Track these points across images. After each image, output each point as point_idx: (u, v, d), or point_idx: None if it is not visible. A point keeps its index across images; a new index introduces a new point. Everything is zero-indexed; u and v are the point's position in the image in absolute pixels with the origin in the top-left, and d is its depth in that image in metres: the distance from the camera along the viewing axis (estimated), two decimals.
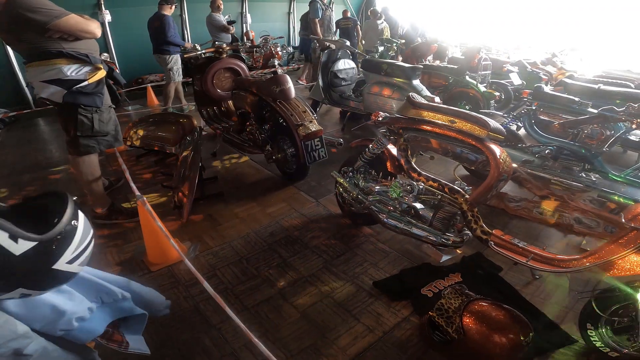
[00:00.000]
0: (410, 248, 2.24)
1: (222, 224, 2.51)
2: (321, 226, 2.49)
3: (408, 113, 1.97)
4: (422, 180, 1.96)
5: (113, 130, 2.33)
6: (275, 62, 6.93)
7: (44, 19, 1.85)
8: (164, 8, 4.96)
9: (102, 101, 2.20)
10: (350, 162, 2.37)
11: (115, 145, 2.40)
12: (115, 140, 2.40)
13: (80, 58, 2.04)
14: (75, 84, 2.06)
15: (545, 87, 2.90)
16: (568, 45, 8.47)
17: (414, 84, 3.45)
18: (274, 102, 2.76)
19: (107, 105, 2.27)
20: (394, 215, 1.94)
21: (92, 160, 2.37)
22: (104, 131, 2.26)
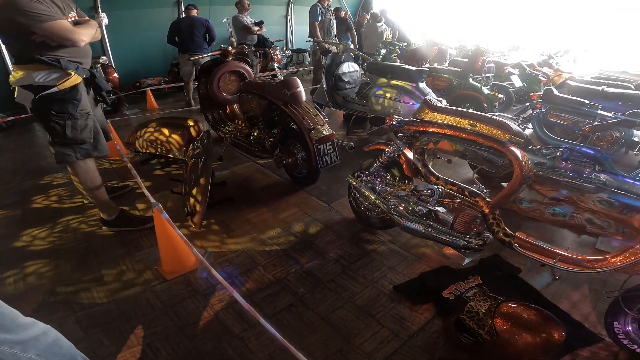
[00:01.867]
0: (426, 251, 2.24)
1: (235, 230, 2.48)
2: (336, 231, 2.47)
3: (425, 116, 1.97)
4: (440, 184, 1.96)
5: (90, 139, 2.21)
6: (275, 65, 6.91)
7: (28, 22, 1.81)
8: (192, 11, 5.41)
9: (76, 108, 2.09)
10: (364, 167, 2.36)
11: (94, 154, 2.27)
12: (94, 149, 2.26)
13: (51, 64, 1.96)
14: (43, 90, 2.00)
15: (554, 89, 2.92)
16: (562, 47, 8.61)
17: (421, 87, 3.46)
18: (284, 106, 2.75)
19: (84, 112, 2.15)
20: (415, 219, 1.93)
21: (87, 167, 2.29)
22: (79, 139, 2.15)
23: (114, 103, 5.66)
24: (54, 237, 2.47)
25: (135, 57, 7.10)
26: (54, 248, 2.35)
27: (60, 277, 2.09)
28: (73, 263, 2.20)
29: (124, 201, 2.87)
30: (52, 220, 2.64)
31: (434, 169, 2.05)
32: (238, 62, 3.69)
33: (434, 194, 1.88)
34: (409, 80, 3.47)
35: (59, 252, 2.31)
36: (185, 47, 5.39)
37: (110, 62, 6.70)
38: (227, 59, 3.65)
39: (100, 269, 2.14)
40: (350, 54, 4.34)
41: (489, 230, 1.82)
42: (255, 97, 3.03)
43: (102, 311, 1.82)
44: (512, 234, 1.74)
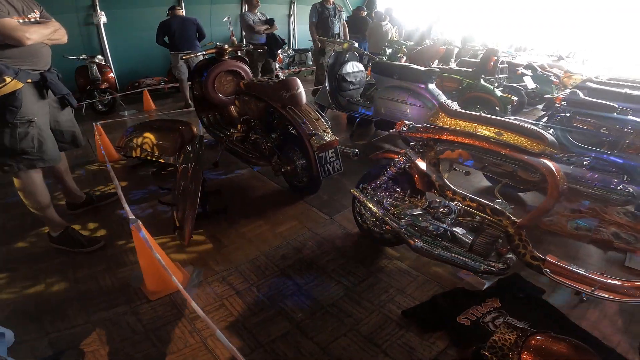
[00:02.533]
0: (438, 270, 2.01)
1: (228, 245, 2.26)
2: (338, 247, 2.25)
3: (441, 122, 1.74)
4: (458, 200, 1.73)
5: (33, 148, 1.99)
6: (276, 65, 6.72)
7: None
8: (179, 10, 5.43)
9: (15, 115, 1.87)
10: (370, 177, 2.13)
11: (39, 166, 2.06)
12: (40, 160, 2.04)
13: None
14: None
15: (580, 92, 2.68)
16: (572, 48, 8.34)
17: (430, 89, 3.23)
18: (283, 109, 2.52)
19: (26, 119, 1.93)
20: (428, 240, 1.71)
21: (31, 179, 2.07)
22: (18, 149, 1.94)
23: (109, 104, 5.48)
24: (28, 249, 2.28)
25: (134, 57, 6.93)
26: (28, 261, 2.15)
27: (33, 293, 1.91)
28: (49, 279, 2.01)
29: (109, 210, 2.67)
30: (26, 232, 2.44)
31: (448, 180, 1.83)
32: (235, 61, 3.47)
33: (452, 212, 1.65)
34: (417, 81, 3.23)
35: (34, 266, 2.11)
36: (178, 46, 5.27)
37: (108, 61, 6.53)
38: (223, 58, 3.43)
39: (77, 286, 1.95)
40: (354, 53, 4.11)
41: (513, 252, 1.60)
42: (252, 99, 2.80)
43: (78, 333, 1.65)
44: (541, 258, 1.53)
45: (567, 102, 2.60)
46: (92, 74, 5.27)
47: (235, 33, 8.13)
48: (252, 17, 5.33)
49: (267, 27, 5.37)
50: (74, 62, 5.31)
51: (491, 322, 1.62)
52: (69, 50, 5.60)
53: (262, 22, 5.38)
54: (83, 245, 2.23)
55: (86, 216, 2.61)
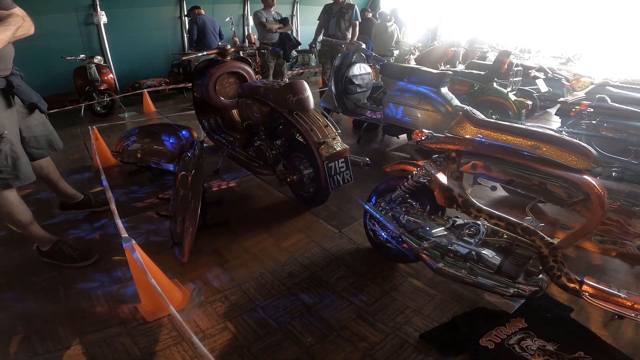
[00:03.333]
0: (457, 289, 1.86)
1: (230, 261, 2.11)
2: (348, 264, 2.09)
3: (465, 132, 1.58)
4: (483, 217, 1.58)
5: (8, 167, 1.76)
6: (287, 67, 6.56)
7: None
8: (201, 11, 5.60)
9: None
10: (383, 190, 1.98)
11: (14, 185, 1.82)
12: (15, 179, 1.80)
13: None
14: None
15: (607, 98, 2.52)
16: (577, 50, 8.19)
17: (443, 93, 3.07)
18: (289, 114, 2.36)
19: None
20: (452, 261, 1.55)
21: (7, 200, 1.85)
22: None
23: (108, 105, 5.34)
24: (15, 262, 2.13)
25: (135, 57, 6.82)
26: (15, 275, 2.01)
27: (22, 311, 1.77)
28: (38, 296, 1.86)
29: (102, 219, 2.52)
30: (14, 242, 2.29)
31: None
32: (237, 62, 3.30)
33: (479, 232, 1.49)
34: (429, 85, 3.08)
35: (22, 280, 1.97)
36: (204, 45, 5.36)
37: (108, 62, 6.39)
38: (225, 59, 3.27)
39: (68, 303, 1.81)
40: (361, 55, 3.96)
41: (547, 274, 1.46)
42: (255, 103, 2.64)
43: (70, 355, 1.53)
44: (578, 280, 1.38)
45: (594, 108, 2.44)
46: (91, 75, 5.13)
47: (238, 33, 8.01)
48: (265, 15, 5.16)
49: (280, 26, 5.20)
50: (72, 63, 5.17)
51: (517, 344, 1.50)
52: (67, 50, 5.48)
53: (275, 21, 5.22)
54: (75, 260, 2.07)
55: (77, 227, 2.46)
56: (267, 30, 5.16)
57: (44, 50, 5.68)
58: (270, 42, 5.23)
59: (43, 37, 5.66)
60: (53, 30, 5.77)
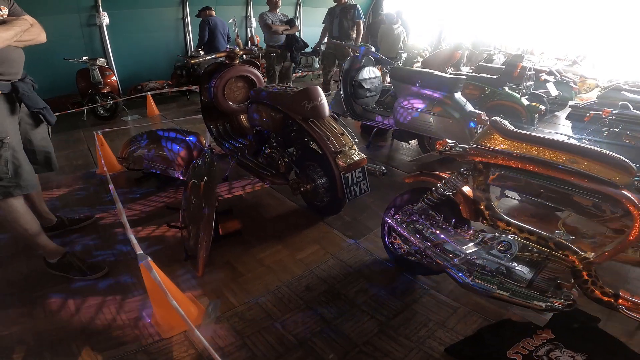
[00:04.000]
0: (480, 301, 1.80)
1: (245, 274, 2.04)
2: (366, 276, 2.03)
3: (494, 144, 1.52)
4: (513, 231, 1.52)
5: (8, 174, 1.69)
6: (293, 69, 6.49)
7: None
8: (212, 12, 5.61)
9: None
10: (402, 201, 1.92)
11: (16, 193, 1.75)
12: (16, 187, 1.73)
13: None
14: None
15: (630, 105, 2.47)
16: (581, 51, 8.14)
17: (456, 98, 3.01)
18: (304, 122, 2.29)
19: None
20: (480, 276, 1.50)
21: (12, 208, 1.79)
22: None
23: (111, 108, 5.27)
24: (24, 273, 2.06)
25: (138, 59, 6.75)
26: (24, 288, 1.94)
27: (32, 326, 1.71)
28: (48, 310, 1.80)
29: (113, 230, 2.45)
30: (20, 253, 2.22)
31: None
32: (246, 65, 3.23)
33: (511, 247, 1.44)
34: (442, 90, 3.02)
35: (31, 293, 1.91)
36: (213, 47, 5.36)
37: (111, 64, 6.33)
38: (234, 62, 3.20)
39: (81, 318, 1.74)
40: (370, 58, 3.89)
41: (580, 288, 1.41)
42: (267, 109, 2.57)
43: None
44: (614, 293, 1.35)
45: (616, 116, 2.38)
46: (94, 77, 5.06)
47: (240, 35, 7.95)
48: (271, 16, 5.06)
49: (286, 28, 5.11)
50: (75, 65, 5.10)
51: (546, 356, 1.46)
52: (69, 52, 5.41)
53: (282, 23, 5.14)
54: (84, 272, 2.00)
55: (86, 238, 2.39)
56: (273, 32, 5.07)
57: (46, 52, 5.58)
58: (276, 44, 5.15)
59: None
60: (55, 32, 5.63)
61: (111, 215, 2.64)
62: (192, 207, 2.13)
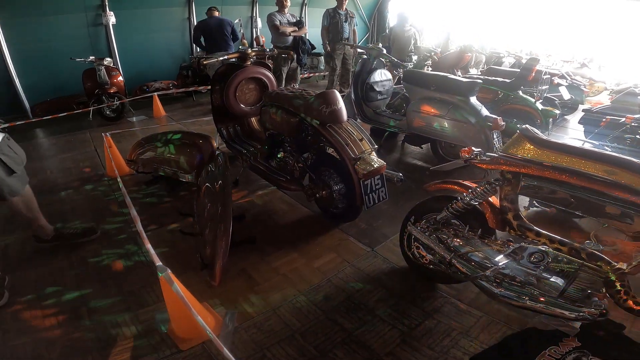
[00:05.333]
0: (503, 309, 1.76)
1: (261, 283, 1.99)
2: (385, 284, 1.98)
3: (524, 152, 1.48)
4: (543, 242, 1.48)
5: None
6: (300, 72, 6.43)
7: None
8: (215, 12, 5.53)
9: None
10: (423, 209, 1.87)
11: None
12: None
13: None
14: None
15: None
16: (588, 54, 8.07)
17: (472, 103, 2.96)
18: (321, 127, 2.24)
19: None
20: (511, 287, 1.45)
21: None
22: None
23: (118, 109, 5.23)
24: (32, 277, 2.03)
25: (143, 59, 6.73)
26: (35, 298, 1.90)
27: (45, 335, 1.68)
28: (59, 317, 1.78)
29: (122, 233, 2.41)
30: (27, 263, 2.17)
31: None
32: (258, 67, 3.18)
33: (544, 259, 1.39)
34: (458, 94, 2.96)
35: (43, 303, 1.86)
36: (216, 47, 5.24)
37: (117, 64, 6.29)
38: (246, 63, 3.15)
39: (95, 328, 1.71)
40: (382, 61, 3.85)
41: (612, 297, 1.38)
42: (281, 112, 2.52)
43: None
44: None
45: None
46: (100, 77, 5.02)
47: (246, 35, 7.90)
48: (279, 17, 5.00)
49: (294, 29, 5.06)
50: (81, 65, 5.06)
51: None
52: (76, 52, 5.38)
53: (290, 24, 5.09)
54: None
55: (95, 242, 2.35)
56: (280, 33, 5.03)
57: (52, 52, 5.59)
58: (283, 45, 5.10)
59: (51, 38, 5.59)
60: (61, 32, 5.68)
61: (121, 221, 2.59)
62: (207, 213, 2.08)
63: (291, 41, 5.15)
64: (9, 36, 5.13)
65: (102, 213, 2.71)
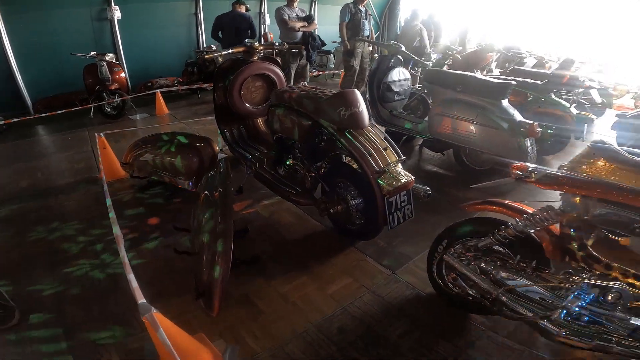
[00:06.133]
0: (548, 342, 1.47)
1: (266, 312, 1.72)
2: (409, 314, 1.71)
3: (597, 171, 1.18)
4: (615, 276, 1.19)
5: None
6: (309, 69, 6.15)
7: None
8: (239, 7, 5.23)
9: None
10: (458, 234, 1.58)
11: None
12: None
13: None
14: None
15: None
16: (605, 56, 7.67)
17: (504, 106, 2.66)
18: (339, 133, 1.94)
19: None
20: (573, 326, 1.17)
21: None
22: None
23: (119, 106, 5.00)
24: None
25: (148, 55, 6.51)
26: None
27: None
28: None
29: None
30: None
31: None
32: (266, 63, 2.89)
33: (621, 297, 1.11)
34: (488, 97, 2.66)
35: None
36: (231, 43, 4.91)
37: (121, 59, 6.08)
38: (252, 59, 2.85)
39: None
40: (400, 59, 3.55)
41: None
42: (292, 114, 2.22)
43: None
44: None
45: None
46: (102, 73, 4.81)
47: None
48: (288, 11, 4.72)
49: (303, 24, 4.77)
50: (83, 60, 4.85)
51: None
52: (78, 47, 5.17)
53: (299, 19, 4.80)
54: None
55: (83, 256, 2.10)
56: (289, 28, 4.75)
57: (54, 47, 5.39)
58: (292, 41, 4.82)
59: (54, 32, 5.40)
60: (65, 26, 5.49)
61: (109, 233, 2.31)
62: (204, 230, 1.81)
63: (300, 37, 4.86)
64: (11, 30, 4.95)
65: (91, 222, 2.45)
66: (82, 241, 2.27)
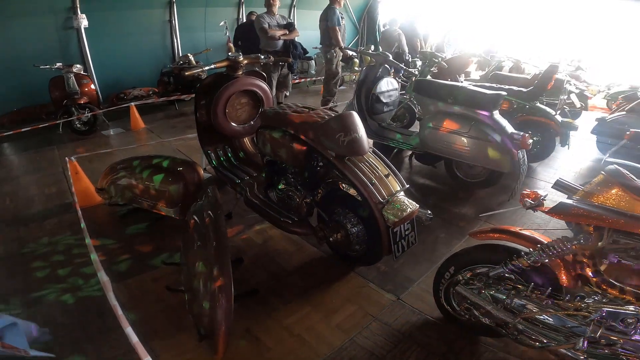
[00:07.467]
0: None
1: (272, 347, 1.61)
2: (420, 341, 1.65)
3: (613, 200, 1.16)
4: (629, 299, 1.17)
5: None
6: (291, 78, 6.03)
7: None
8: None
9: None
10: (465, 260, 1.54)
11: None
12: None
13: None
14: None
15: None
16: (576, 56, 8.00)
17: (495, 118, 2.65)
18: (338, 161, 1.82)
19: None
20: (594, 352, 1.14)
21: None
22: None
23: (90, 121, 4.70)
24: None
25: (120, 65, 6.19)
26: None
27: None
28: None
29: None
30: None
31: None
32: (251, 78, 2.71)
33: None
34: (479, 108, 2.65)
35: None
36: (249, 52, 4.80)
37: (90, 70, 5.75)
38: (237, 73, 2.66)
39: None
40: (387, 68, 3.50)
41: None
42: (284, 138, 2.05)
43: None
44: None
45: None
46: (69, 86, 4.49)
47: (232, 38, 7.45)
48: (268, 19, 4.55)
49: (284, 32, 4.63)
50: (48, 73, 4.52)
51: None
52: (44, 57, 4.81)
53: (280, 26, 4.67)
54: None
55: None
56: (269, 37, 4.61)
57: (16, 59, 5.02)
58: (272, 50, 4.69)
59: (16, 43, 5.03)
60: (27, 36, 5.13)
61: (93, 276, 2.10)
62: (198, 265, 1.67)
63: (281, 45, 4.73)
64: None
65: (68, 260, 2.22)
66: (62, 276, 2.07)
